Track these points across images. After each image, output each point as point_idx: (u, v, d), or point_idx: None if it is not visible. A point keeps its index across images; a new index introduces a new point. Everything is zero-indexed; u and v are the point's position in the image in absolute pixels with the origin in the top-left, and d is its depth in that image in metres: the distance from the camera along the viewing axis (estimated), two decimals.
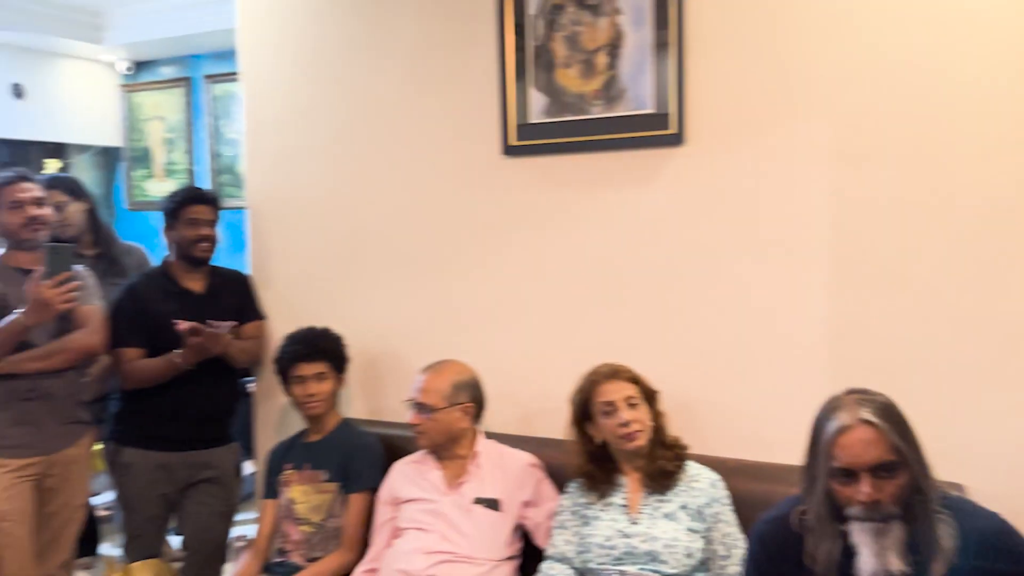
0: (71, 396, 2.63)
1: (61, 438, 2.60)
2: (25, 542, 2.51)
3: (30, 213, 2.54)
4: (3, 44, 4.75)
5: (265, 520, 2.56)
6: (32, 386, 2.52)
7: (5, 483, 2.49)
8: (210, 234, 2.79)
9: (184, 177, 5.18)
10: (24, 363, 2.50)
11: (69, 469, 2.63)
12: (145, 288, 2.76)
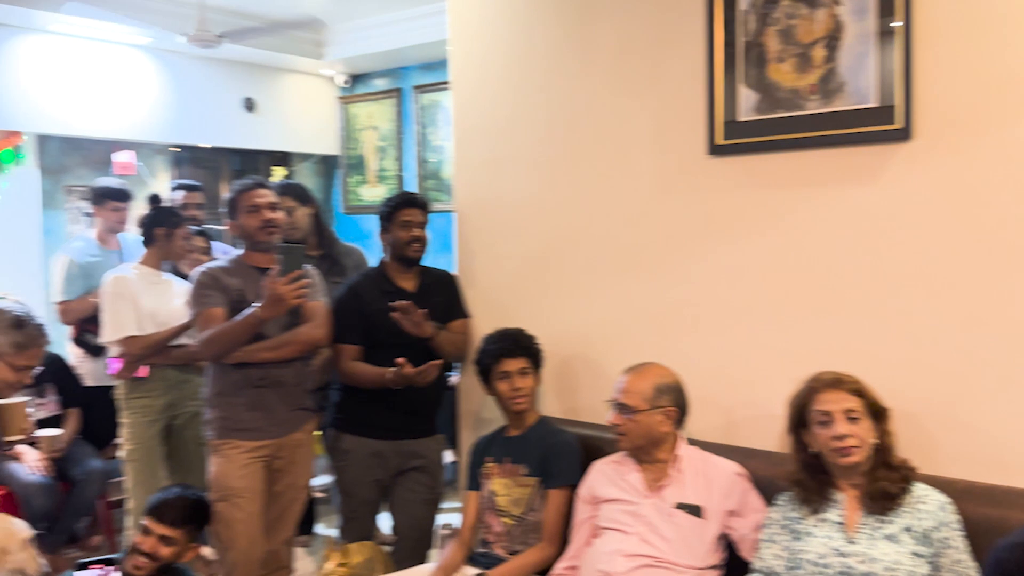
0: (299, 384, 2.84)
1: (289, 423, 2.81)
2: (256, 518, 2.74)
3: (265, 216, 2.77)
4: (237, 61, 5.23)
5: (469, 511, 2.64)
6: (264, 374, 2.74)
7: (240, 463, 2.72)
8: (421, 235, 2.93)
9: (394, 183, 5.48)
10: (258, 353, 2.71)
11: (295, 452, 2.84)
12: (363, 287, 2.94)
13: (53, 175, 4.65)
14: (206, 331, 2.68)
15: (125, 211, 3.98)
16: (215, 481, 2.73)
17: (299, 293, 2.59)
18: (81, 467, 3.74)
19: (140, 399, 3.35)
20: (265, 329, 2.71)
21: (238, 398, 2.74)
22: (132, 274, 3.36)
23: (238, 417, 2.74)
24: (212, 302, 2.71)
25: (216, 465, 2.75)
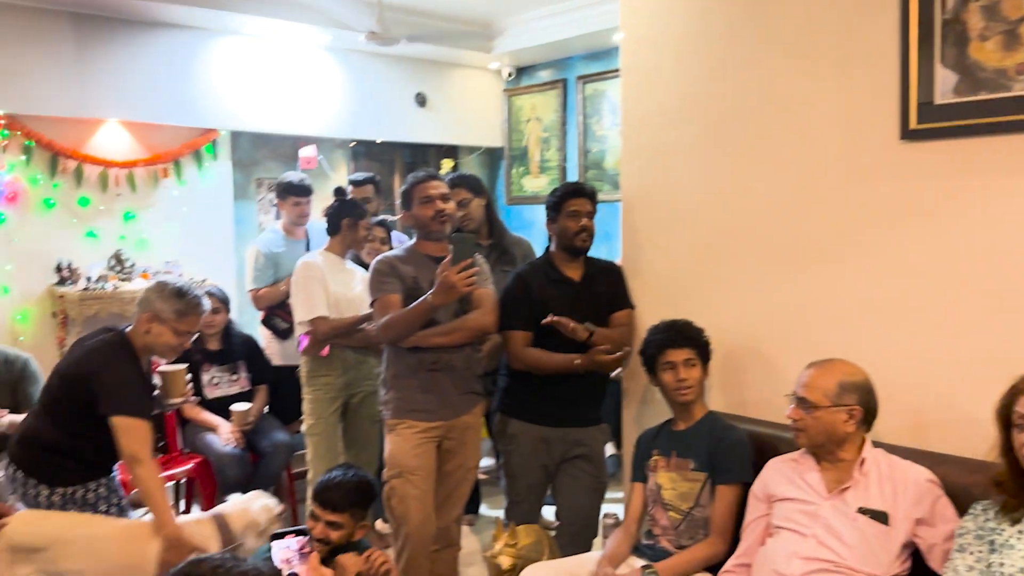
0: (468, 369, 2.92)
1: (459, 406, 2.91)
2: (429, 495, 2.85)
3: (438, 207, 2.87)
4: (410, 58, 5.42)
5: (634, 502, 2.63)
6: (436, 358, 2.85)
7: (413, 442, 2.83)
8: (589, 225, 2.94)
9: (556, 173, 5.52)
10: (430, 338, 2.82)
11: (465, 434, 2.93)
12: (531, 276, 2.99)
13: (244, 169, 5.01)
14: (383, 316, 2.81)
15: (306, 205, 4.22)
16: (390, 459, 2.86)
17: (469, 282, 2.66)
18: (269, 440, 4.02)
19: (321, 377, 3.56)
20: (437, 315, 2.80)
21: (413, 380, 2.85)
22: (320, 260, 3.57)
23: (412, 398, 2.85)
24: (389, 289, 2.84)
25: (391, 444, 2.88)
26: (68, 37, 4.08)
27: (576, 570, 2.46)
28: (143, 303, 2.70)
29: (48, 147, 4.11)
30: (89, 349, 2.63)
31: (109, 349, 2.63)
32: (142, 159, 4.39)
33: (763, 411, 2.63)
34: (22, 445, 2.58)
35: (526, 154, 5.73)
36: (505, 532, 2.59)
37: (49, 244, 4.16)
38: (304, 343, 3.62)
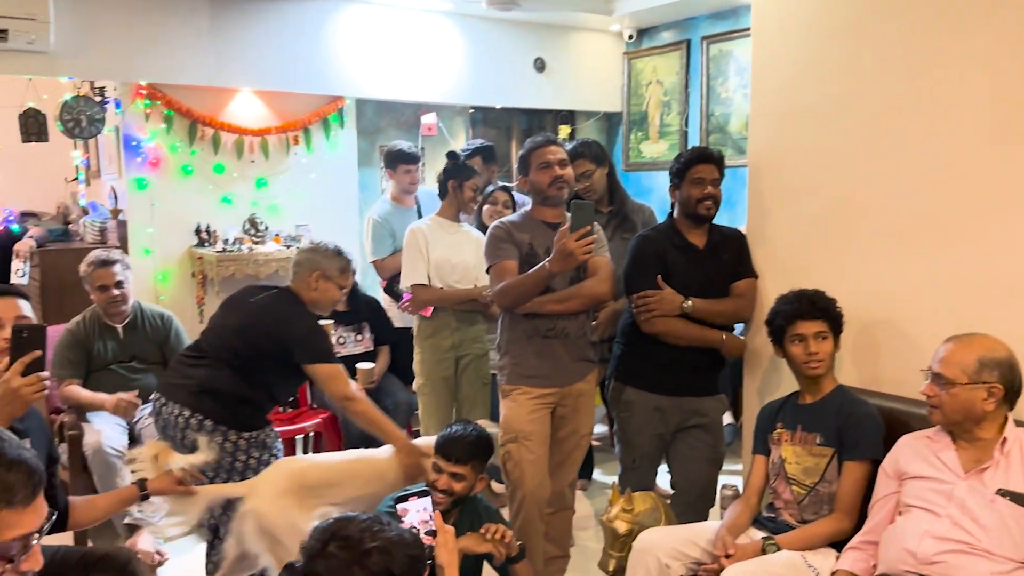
0: (582, 336, 2.92)
1: (573, 373, 2.91)
2: (543, 460, 2.87)
3: (556, 173, 2.85)
4: (530, 23, 5.39)
5: (756, 475, 2.59)
6: (551, 325, 2.85)
7: (528, 408, 2.86)
8: (714, 193, 2.87)
9: (677, 138, 5.40)
10: (546, 305, 2.82)
11: (579, 401, 2.93)
12: (656, 240, 2.95)
13: (368, 136, 5.13)
14: (499, 282, 2.84)
15: (415, 172, 4.29)
16: (506, 423, 2.90)
17: (587, 249, 2.63)
18: (391, 398, 4.16)
19: (430, 339, 3.65)
20: (552, 282, 2.80)
21: (527, 346, 2.87)
22: (427, 226, 3.64)
23: (527, 364, 2.87)
24: (505, 255, 2.86)
25: (507, 409, 2.92)
26: (204, 9, 4.27)
27: (693, 538, 2.45)
28: (307, 263, 2.91)
29: (187, 115, 4.33)
30: (266, 307, 2.85)
31: (290, 306, 2.87)
32: (274, 127, 4.57)
33: (896, 387, 2.52)
34: (210, 396, 2.76)
35: (645, 119, 5.63)
36: (621, 497, 2.59)
37: (188, 208, 4.40)
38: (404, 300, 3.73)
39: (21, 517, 1.14)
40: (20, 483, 1.14)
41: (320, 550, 1.77)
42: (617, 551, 2.54)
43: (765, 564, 2.24)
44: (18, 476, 1.14)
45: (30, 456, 1.18)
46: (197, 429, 2.73)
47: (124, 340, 3.70)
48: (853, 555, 2.23)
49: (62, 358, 3.61)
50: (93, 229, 4.42)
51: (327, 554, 1.76)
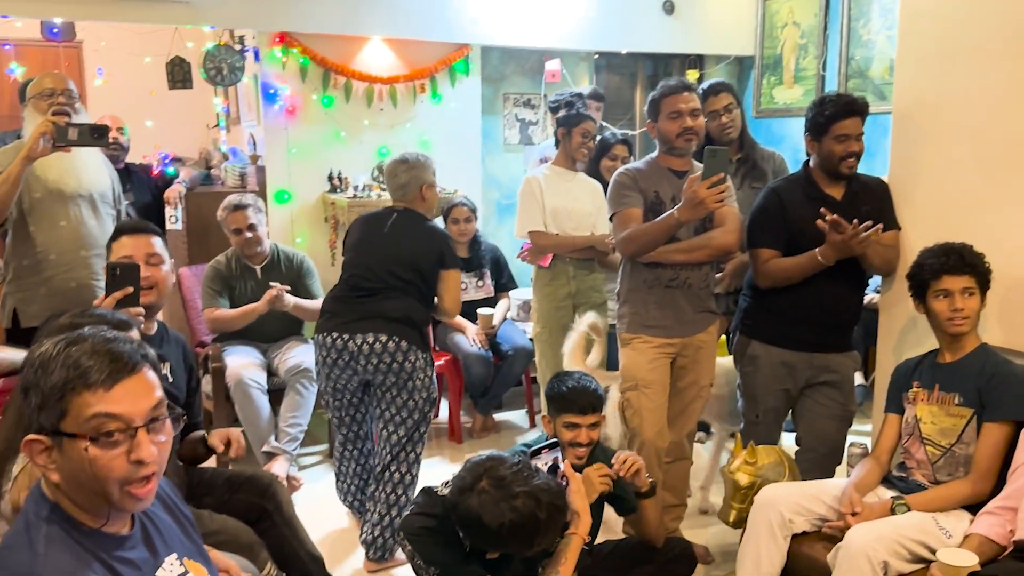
0: (705, 287, 2.88)
1: (695, 324, 2.88)
2: (662, 409, 2.87)
3: (686, 124, 2.76)
4: None
5: (888, 433, 2.51)
6: (674, 275, 2.82)
7: (648, 357, 2.85)
8: (858, 149, 2.73)
9: (813, 83, 5.15)
10: (671, 254, 2.78)
11: (699, 352, 2.91)
12: (787, 192, 2.84)
13: (492, 84, 5.13)
14: (624, 230, 2.80)
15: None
16: (625, 371, 2.91)
17: (719, 198, 2.56)
18: (510, 344, 4.24)
19: (547, 286, 3.68)
20: (677, 232, 2.75)
21: (649, 296, 2.85)
22: (543, 175, 3.64)
23: (648, 314, 2.85)
24: (630, 203, 2.82)
25: (626, 357, 2.92)
26: None
27: (818, 494, 2.41)
28: (414, 181, 3.15)
29: (321, 64, 4.44)
30: (421, 233, 3.13)
31: (426, 221, 3.19)
32: (402, 75, 4.64)
33: None
34: (407, 324, 3.02)
35: (780, 63, 5.37)
36: (744, 450, 2.56)
37: (321, 155, 4.55)
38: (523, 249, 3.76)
39: (102, 397, 1.23)
40: (96, 368, 1.24)
41: (472, 484, 1.86)
42: (738, 503, 2.52)
43: (894, 524, 2.18)
44: (97, 362, 1.24)
45: (126, 348, 1.28)
46: (394, 351, 2.95)
47: (262, 280, 3.90)
48: (989, 520, 2.14)
49: (207, 290, 3.87)
50: (234, 174, 4.65)
51: (479, 489, 1.85)
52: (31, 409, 1.24)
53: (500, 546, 1.90)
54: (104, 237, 3.35)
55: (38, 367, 1.24)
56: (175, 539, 1.45)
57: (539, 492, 1.83)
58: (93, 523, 1.29)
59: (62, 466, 1.25)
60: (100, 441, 1.23)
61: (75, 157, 3.07)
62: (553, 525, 1.90)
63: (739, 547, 2.45)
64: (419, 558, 1.92)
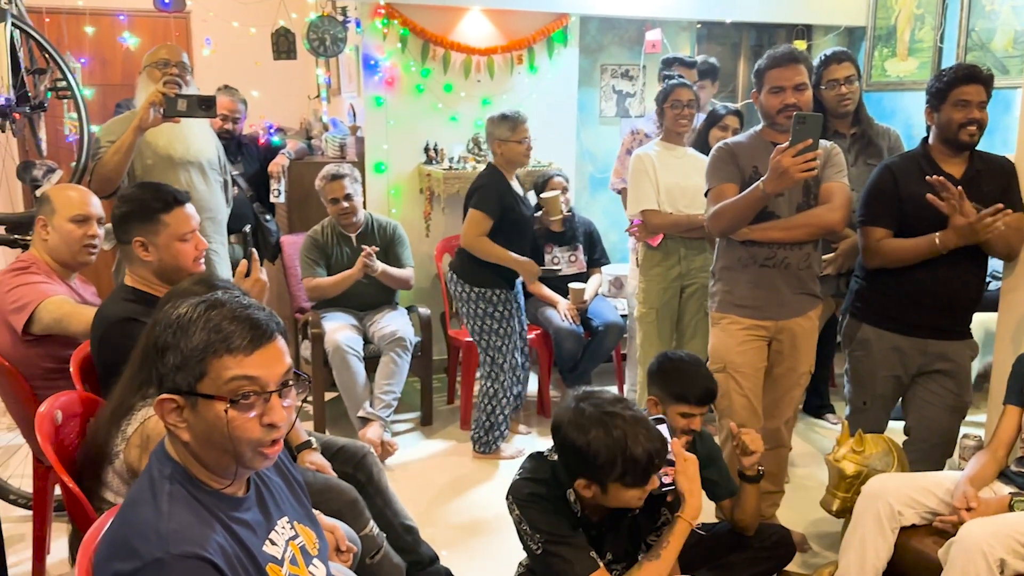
0: (807, 268, 2.73)
1: (792, 306, 2.74)
2: (753, 394, 2.77)
3: (788, 100, 2.60)
4: None
5: (1007, 426, 2.37)
6: (771, 254, 2.69)
7: (739, 339, 2.75)
8: (980, 117, 2.57)
9: (929, 55, 4.88)
10: (768, 232, 2.65)
11: (797, 338, 2.76)
12: (901, 168, 2.70)
13: (590, 55, 5.04)
14: (715, 205, 2.70)
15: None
16: (714, 352, 2.82)
17: (806, 166, 2.40)
18: (601, 320, 4.20)
19: (655, 267, 3.60)
20: (777, 208, 2.64)
21: (743, 275, 2.75)
22: (654, 152, 3.55)
23: (740, 293, 2.76)
24: (725, 177, 2.71)
25: (715, 337, 2.84)
26: None
27: (930, 487, 2.30)
28: (488, 138, 3.61)
29: (420, 35, 4.45)
30: (473, 186, 3.62)
31: (484, 174, 3.65)
32: (500, 46, 4.60)
33: None
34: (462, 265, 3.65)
35: (893, 34, 5.11)
36: (851, 438, 2.47)
37: (418, 127, 4.57)
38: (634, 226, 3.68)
39: (241, 361, 1.27)
40: (238, 333, 1.28)
41: (573, 406, 1.85)
42: (843, 492, 2.44)
43: (1012, 521, 2.07)
44: (239, 326, 1.28)
45: (262, 315, 1.32)
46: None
47: (357, 248, 3.96)
48: None
49: (305, 259, 3.96)
50: (333, 144, 4.72)
51: (577, 409, 1.84)
52: (167, 368, 1.28)
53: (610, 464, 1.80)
54: (214, 201, 3.47)
55: (176, 328, 1.28)
56: (287, 502, 1.48)
57: (638, 424, 1.81)
58: (216, 484, 1.33)
59: (194, 425, 1.29)
60: (238, 404, 1.27)
61: (183, 124, 3.16)
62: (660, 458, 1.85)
63: (843, 537, 2.38)
64: (525, 523, 1.92)
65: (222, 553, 1.24)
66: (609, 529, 2.01)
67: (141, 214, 2.26)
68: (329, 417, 4.00)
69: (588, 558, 1.88)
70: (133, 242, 2.25)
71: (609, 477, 1.80)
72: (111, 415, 1.83)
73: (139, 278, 2.29)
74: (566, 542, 1.88)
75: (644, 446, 1.78)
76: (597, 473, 1.81)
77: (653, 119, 4.16)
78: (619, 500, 1.85)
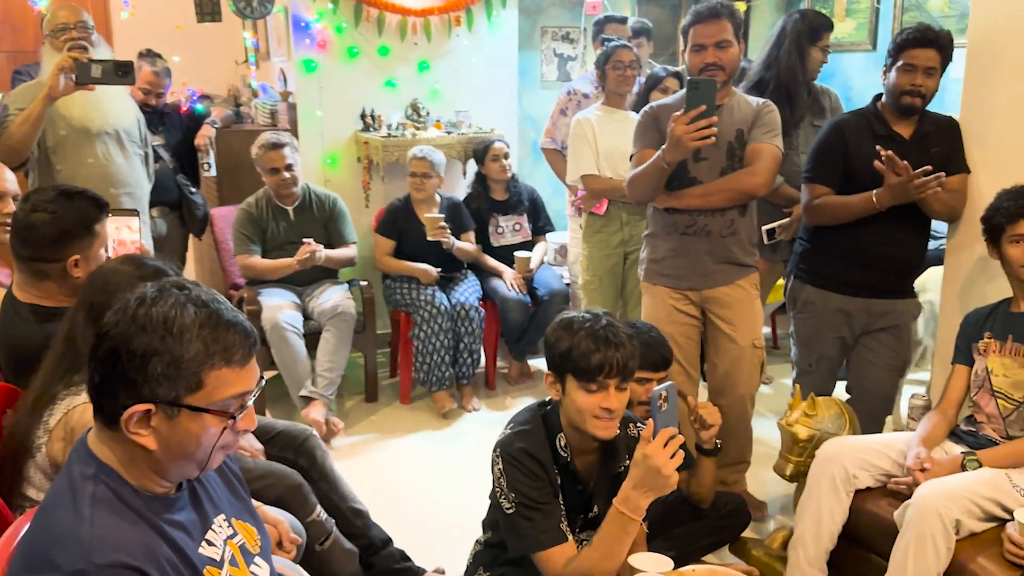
0: (731, 235, 2.64)
1: (715, 276, 2.67)
2: (687, 362, 2.73)
3: (708, 59, 2.51)
4: None
5: (955, 386, 2.38)
6: (691, 221, 2.63)
7: (666, 309, 2.72)
8: (923, 84, 2.54)
9: (867, 16, 4.90)
10: (688, 199, 2.59)
11: (727, 307, 2.69)
12: (851, 126, 2.68)
13: (530, 16, 4.94)
14: (632, 171, 2.63)
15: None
16: (646, 320, 2.75)
17: (699, 135, 2.33)
18: (547, 288, 4.13)
19: (597, 234, 3.54)
20: (699, 173, 2.58)
21: (665, 242, 2.70)
22: (594, 116, 3.47)
23: (664, 262, 2.72)
24: (645, 143, 2.64)
25: (646, 306, 2.81)
26: None
27: (883, 449, 2.30)
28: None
29: None
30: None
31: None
32: (436, 7, 4.45)
33: None
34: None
35: None
36: (804, 401, 2.45)
37: (354, 92, 4.40)
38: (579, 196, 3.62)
39: (239, 375, 1.18)
40: (238, 343, 1.18)
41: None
42: (796, 456, 2.42)
43: (966, 481, 2.07)
44: (236, 336, 1.18)
45: (244, 319, 1.22)
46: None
47: (295, 221, 3.81)
48: None
49: (238, 235, 3.78)
50: (264, 111, 4.51)
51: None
52: (148, 376, 1.14)
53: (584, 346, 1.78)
54: (133, 176, 3.27)
55: (165, 333, 1.14)
56: (223, 499, 1.37)
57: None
58: (156, 487, 1.22)
59: (167, 436, 1.17)
60: (230, 418, 1.20)
61: (99, 92, 2.97)
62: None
63: (798, 502, 2.36)
64: (505, 480, 1.85)
65: (153, 559, 1.13)
66: (598, 483, 1.97)
67: (82, 230, 2.02)
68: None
69: (558, 529, 1.83)
70: (68, 260, 2.01)
71: (564, 367, 1.81)
72: (32, 405, 1.69)
73: (49, 296, 2.03)
74: (539, 508, 1.82)
75: (598, 344, 1.76)
76: (557, 361, 1.83)
77: (590, 78, 4.09)
78: (577, 407, 1.81)
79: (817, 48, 3.32)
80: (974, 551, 1.95)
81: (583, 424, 1.83)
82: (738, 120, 2.59)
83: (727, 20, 2.52)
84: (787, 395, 2.66)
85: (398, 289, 3.99)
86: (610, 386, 1.79)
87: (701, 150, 2.53)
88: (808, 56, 3.30)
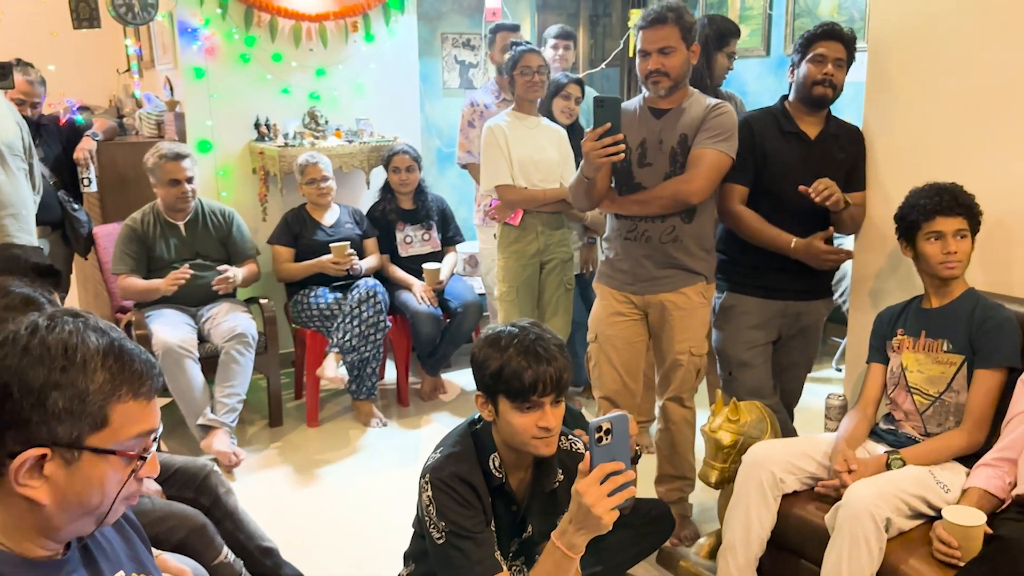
0: (672, 242, 2.60)
1: (658, 282, 2.64)
2: (625, 368, 2.70)
3: (650, 66, 2.50)
4: None
5: (872, 384, 2.40)
6: (632, 227, 2.63)
7: (610, 310, 2.70)
8: (834, 74, 2.57)
9: (759, 23, 5.01)
10: (628, 206, 2.61)
11: (667, 312, 2.65)
12: (760, 123, 2.69)
13: (429, 22, 4.82)
14: (572, 178, 2.65)
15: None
16: (591, 322, 2.78)
17: (606, 152, 2.32)
18: (459, 300, 4.02)
19: (514, 244, 3.44)
20: (643, 179, 2.58)
21: (613, 246, 2.72)
22: (505, 123, 3.38)
23: (611, 263, 2.73)
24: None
25: (594, 308, 2.80)
26: None
27: (808, 451, 2.29)
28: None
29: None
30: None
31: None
32: (332, 12, 4.27)
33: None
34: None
35: (725, 1, 5.22)
36: (725, 407, 2.42)
37: (247, 100, 4.19)
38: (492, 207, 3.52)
39: (145, 411, 1.05)
40: (145, 373, 1.04)
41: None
42: (720, 462, 2.39)
43: (893, 480, 2.07)
44: (142, 366, 1.05)
45: (144, 351, 1.08)
46: None
47: (186, 237, 3.58)
48: (987, 472, 2.04)
49: (119, 252, 3.52)
50: (149, 122, 4.24)
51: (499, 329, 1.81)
52: (44, 414, 0.98)
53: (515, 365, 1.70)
54: (17, 195, 2.99)
55: (65, 363, 0.98)
56: (121, 553, 1.20)
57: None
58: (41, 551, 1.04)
59: (64, 486, 1.00)
60: (142, 460, 1.05)
61: None
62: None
63: (725, 510, 2.32)
64: (434, 508, 1.73)
65: None
66: (532, 500, 1.88)
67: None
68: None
69: (492, 559, 1.72)
70: None
71: (496, 388, 1.73)
72: None
73: None
74: (472, 537, 1.71)
75: (528, 361, 1.69)
76: (487, 383, 1.75)
77: (491, 89, 4.01)
78: (513, 429, 1.73)
79: (723, 54, 3.37)
80: (905, 552, 1.94)
81: (523, 445, 1.75)
82: (684, 125, 2.55)
83: (673, 25, 2.48)
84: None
85: (306, 303, 3.80)
86: (545, 404, 1.71)
87: (646, 155, 2.57)
88: (715, 61, 3.33)
